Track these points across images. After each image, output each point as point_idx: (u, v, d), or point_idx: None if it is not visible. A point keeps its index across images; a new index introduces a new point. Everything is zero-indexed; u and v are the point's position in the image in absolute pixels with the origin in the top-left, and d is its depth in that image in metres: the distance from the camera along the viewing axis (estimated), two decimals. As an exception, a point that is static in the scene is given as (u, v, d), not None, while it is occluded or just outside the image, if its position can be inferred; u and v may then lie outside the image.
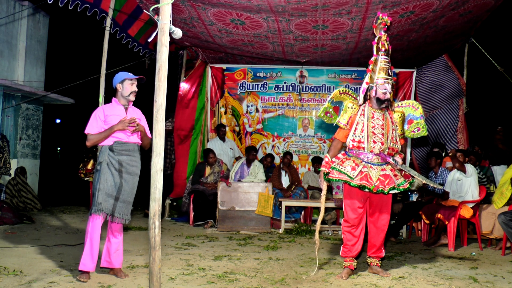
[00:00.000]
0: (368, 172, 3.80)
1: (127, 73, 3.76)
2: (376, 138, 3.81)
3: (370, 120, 3.86)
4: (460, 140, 7.42)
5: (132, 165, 3.66)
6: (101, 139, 3.61)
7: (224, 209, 6.60)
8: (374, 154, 3.81)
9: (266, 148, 8.50)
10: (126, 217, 3.63)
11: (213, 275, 3.77)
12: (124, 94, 3.70)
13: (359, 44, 6.79)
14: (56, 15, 11.34)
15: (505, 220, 4.92)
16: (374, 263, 4.00)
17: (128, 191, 3.64)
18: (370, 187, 3.74)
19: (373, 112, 3.89)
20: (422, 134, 3.97)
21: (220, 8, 5.69)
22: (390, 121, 3.88)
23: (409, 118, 3.95)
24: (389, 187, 3.76)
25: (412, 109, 3.97)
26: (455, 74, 7.41)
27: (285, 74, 8.53)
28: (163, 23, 2.79)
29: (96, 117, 3.67)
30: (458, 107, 7.49)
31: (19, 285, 3.32)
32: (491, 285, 3.73)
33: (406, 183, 3.84)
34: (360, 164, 3.84)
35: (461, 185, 5.73)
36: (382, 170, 3.82)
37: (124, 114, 3.67)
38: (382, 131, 3.83)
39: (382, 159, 3.80)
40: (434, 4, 5.36)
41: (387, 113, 3.91)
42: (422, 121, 3.94)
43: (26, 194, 8.09)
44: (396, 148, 3.88)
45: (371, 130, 3.83)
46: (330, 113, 4.06)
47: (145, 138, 3.77)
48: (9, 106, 9.56)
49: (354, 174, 3.81)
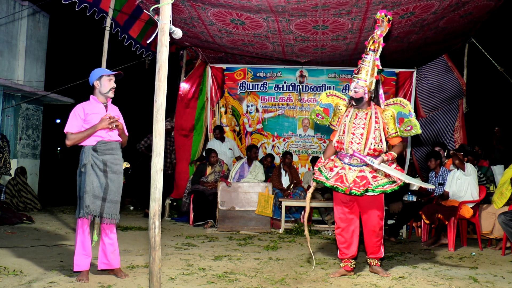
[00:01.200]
0: (345, 173, 3.77)
1: (104, 69, 3.68)
2: (355, 138, 3.77)
3: (352, 120, 3.83)
4: (457, 139, 7.42)
5: (116, 163, 3.60)
6: (82, 138, 3.52)
7: (224, 209, 6.60)
8: (350, 154, 3.77)
9: (266, 148, 8.50)
10: (115, 216, 3.57)
11: (213, 275, 3.77)
12: (102, 91, 3.60)
13: (359, 45, 6.78)
14: (56, 15, 11.34)
15: (505, 220, 4.92)
16: (373, 263, 3.99)
17: (115, 191, 3.58)
18: (342, 189, 3.71)
19: (357, 112, 3.86)
20: (416, 132, 3.80)
21: (220, 8, 5.69)
22: (373, 121, 3.79)
23: (399, 116, 3.81)
24: (364, 189, 3.68)
25: (401, 107, 3.83)
26: (455, 75, 7.40)
27: (285, 74, 8.53)
28: (163, 23, 2.79)
29: (76, 116, 3.56)
30: (458, 107, 7.49)
31: (19, 285, 3.32)
32: (491, 285, 3.73)
33: (390, 185, 3.71)
34: (339, 165, 3.84)
35: (460, 184, 5.73)
36: (360, 172, 3.76)
37: (104, 112, 3.58)
38: (363, 131, 3.77)
39: (361, 160, 3.70)
40: (435, 5, 5.35)
41: (374, 112, 3.83)
42: (413, 119, 3.77)
43: (26, 194, 8.09)
44: (379, 148, 3.76)
45: (351, 130, 3.80)
46: (321, 115, 4.07)
47: (123, 135, 3.71)
48: (9, 106, 9.57)
49: (331, 175, 3.80)
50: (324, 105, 4.06)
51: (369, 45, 3.81)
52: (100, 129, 3.51)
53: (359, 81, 3.80)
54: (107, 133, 3.58)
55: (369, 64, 3.79)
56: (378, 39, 3.80)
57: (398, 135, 3.84)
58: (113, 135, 3.63)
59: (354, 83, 3.81)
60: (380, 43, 3.81)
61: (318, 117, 4.09)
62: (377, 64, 3.81)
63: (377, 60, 3.82)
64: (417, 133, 3.79)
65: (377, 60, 3.82)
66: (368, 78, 3.79)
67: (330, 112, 4.03)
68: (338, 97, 4.05)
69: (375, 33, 3.81)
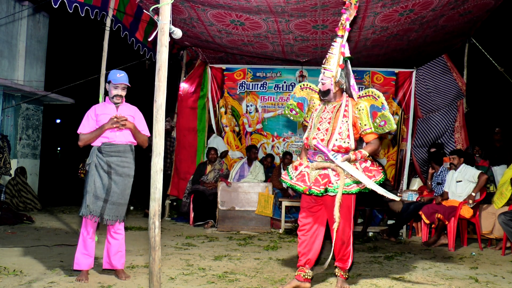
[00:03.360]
0: (308, 172, 3.45)
1: (114, 74, 3.62)
2: (319, 134, 3.43)
3: (320, 114, 3.50)
4: (457, 140, 7.42)
5: (122, 166, 3.57)
6: (92, 139, 3.55)
7: (224, 209, 6.60)
8: (316, 151, 3.42)
9: (266, 148, 8.50)
10: (117, 218, 3.55)
11: (213, 275, 3.77)
12: (109, 95, 3.64)
13: (359, 44, 6.79)
14: (56, 15, 11.34)
15: (505, 220, 4.93)
16: (337, 273, 3.56)
17: (118, 193, 3.55)
18: (301, 188, 3.39)
19: (326, 106, 3.51)
20: (391, 128, 3.41)
21: (220, 10, 5.69)
22: (341, 115, 3.42)
23: (372, 110, 3.43)
24: (324, 188, 3.31)
25: (373, 99, 3.44)
26: (453, 76, 7.40)
27: (284, 74, 8.53)
28: (163, 23, 2.79)
29: (88, 117, 3.62)
30: (457, 108, 7.50)
31: (19, 285, 3.32)
32: (491, 285, 3.73)
33: (357, 185, 3.32)
34: (304, 163, 3.53)
35: (461, 186, 5.73)
36: (323, 169, 3.40)
37: (115, 113, 3.59)
38: (328, 126, 3.42)
39: (325, 155, 3.35)
40: (434, 2, 5.35)
41: (344, 105, 3.45)
42: (387, 113, 3.40)
43: (26, 194, 8.09)
44: (345, 146, 3.36)
45: (317, 125, 3.47)
46: (295, 111, 3.75)
47: (138, 135, 3.64)
48: (9, 106, 9.57)
49: (294, 174, 3.52)
50: (298, 99, 3.74)
51: (339, 31, 3.47)
52: (107, 129, 3.52)
53: (325, 72, 3.44)
54: (115, 133, 3.56)
55: (337, 53, 3.43)
56: (344, 23, 3.46)
57: (373, 131, 3.43)
58: (122, 136, 3.59)
59: (321, 74, 3.47)
60: (346, 28, 3.47)
61: (292, 112, 3.76)
62: (342, 51, 3.44)
63: (343, 47, 3.44)
64: (391, 129, 3.42)
65: (343, 47, 3.44)
66: (334, 68, 3.43)
67: (304, 106, 3.71)
68: (313, 89, 3.70)
69: (342, 17, 3.48)
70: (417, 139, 7.78)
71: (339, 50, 3.43)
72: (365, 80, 8.06)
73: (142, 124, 3.72)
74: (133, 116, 3.67)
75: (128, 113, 3.66)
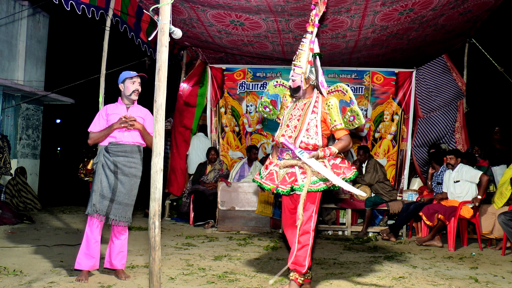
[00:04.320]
0: (276, 170, 3.42)
1: (128, 72, 3.72)
2: (288, 131, 3.39)
3: (291, 112, 3.46)
4: (458, 140, 7.42)
5: (129, 166, 3.60)
6: (101, 138, 3.61)
7: (224, 209, 6.60)
8: (285, 148, 3.38)
9: (266, 148, 8.49)
10: (123, 219, 3.57)
11: (213, 275, 3.77)
12: (126, 93, 3.68)
13: (359, 43, 6.79)
14: (56, 15, 11.34)
15: (505, 220, 4.93)
16: (292, 276, 3.34)
17: (125, 193, 3.58)
18: (268, 187, 3.38)
19: (297, 103, 3.47)
20: (360, 123, 3.36)
21: (219, 10, 5.69)
22: (310, 112, 3.38)
23: (341, 105, 3.39)
24: (290, 187, 3.27)
25: (341, 94, 3.40)
26: (453, 76, 7.40)
27: (284, 74, 8.51)
28: (163, 23, 2.79)
29: (99, 116, 3.70)
30: (457, 108, 7.50)
31: (19, 285, 3.32)
32: (491, 285, 3.73)
33: (324, 182, 3.25)
34: (274, 162, 3.51)
35: (459, 186, 5.73)
36: (291, 167, 3.36)
37: (124, 113, 3.64)
38: (297, 123, 3.38)
39: (292, 153, 3.29)
40: (434, 1, 5.35)
41: (314, 102, 3.40)
42: (355, 107, 3.35)
43: (26, 194, 8.09)
44: (312, 143, 3.30)
45: (286, 122, 3.43)
46: (268, 108, 3.70)
47: (147, 137, 3.66)
48: (9, 106, 9.56)
49: (265, 173, 3.49)
50: (271, 96, 3.69)
51: (309, 27, 3.43)
52: (115, 128, 3.56)
53: (295, 68, 3.39)
54: (122, 133, 3.59)
55: (306, 49, 3.39)
56: (314, 19, 3.42)
57: (343, 127, 3.37)
58: (130, 137, 3.62)
59: (291, 71, 3.43)
60: (315, 24, 3.42)
61: (266, 109, 3.70)
62: (311, 47, 3.38)
63: (312, 43, 3.39)
64: (360, 124, 3.37)
65: (312, 43, 3.39)
66: (304, 64, 3.38)
67: (277, 103, 3.65)
68: (285, 86, 3.63)
69: (311, 13, 3.45)
70: (418, 139, 7.78)
71: (308, 46, 3.39)
72: (365, 80, 8.05)
73: (152, 126, 3.69)
74: (143, 118, 3.70)
75: (139, 114, 3.70)
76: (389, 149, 8.18)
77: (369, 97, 7.94)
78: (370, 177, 6.43)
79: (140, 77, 3.72)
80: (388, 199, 6.38)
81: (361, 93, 7.95)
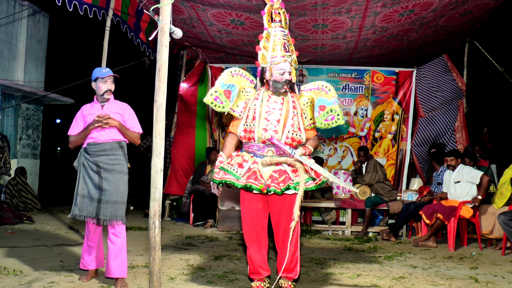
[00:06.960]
0: (259, 168, 3.09)
1: (99, 71, 3.51)
2: (270, 125, 3.10)
3: (265, 104, 3.16)
4: (458, 140, 7.43)
5: (112, 163, 3.43)
6: (79, 140, 3.48)
7: (224, 209, 6.59)
8: (266, 144, 3.12)
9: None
10: (114, 217, 3.36)
11: (213, 275, 3.77)
12: (98, 93, 3.50)
13: (359, 44, 6.79)
14: (56, 15, 11.33)
15: (505, 220, 4.93)
16: (284, 284, 3.23)
17: (112, 190, 3.39)
18: (257, 187, 3.04)
19: (270, 95, 3.19)
20: (339, 123, 3.22)
21: (220, 9, 5.69)
22: (291, 106, 3.17)
23: (320, 103, 3.19)
24: (284, 186, 3.04)
25: (323, 92, 3.21)
26: (453, 76, 7.41)
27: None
28: (163, 23, 2.79)
29: (76, 118, 3.55)
30: (457, 108, 7.50)
31: (19, 285, 3.32)
32: (491, 285, 3.73)
33: (312, 181, 3.12)
34: (250, 159, 3.15)
35: (460, 187, 5.73)
36: (277, 165, 3.10)
37: (100, 112, 3.46)
38: (279, 117, 3.12)
39: (277, 150, 3.09)
40: (434, 3, 5.36)
41: (290, 96, 3.21)
42: (337, 107, 3.18)
43: (26, 194, 8.09)
44: (298, 138, 3.12)
45: (264, 116, 3.13)
46: (220, 99, 3.25)
47: (127, 133, 3.49)
48: (9, 106, 9.56)
49: (241, 172, 3.09)
50: (226, 86, 3.28)
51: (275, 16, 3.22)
52: (91, 129, 3.41)
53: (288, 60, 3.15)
54: (100, 132, 3.44)
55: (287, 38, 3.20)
56: (281, 9, 3.25)
57: (314, 127, 3.24)
58: (108, 135, 3.45)
59: (284, 63, 3.12)
60: (284, 13, 3.27)
61: (216, 101, 3.25)
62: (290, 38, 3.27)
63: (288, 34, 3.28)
64: (339, 124, 3.23)
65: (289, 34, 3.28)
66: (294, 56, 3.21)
67: (232, 95, 3.27)
68: (245, 77, 3.35)
69: (274, 2, 3.24)
70: (418, 138, 7.78)
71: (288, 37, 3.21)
72: (366, 80, 8.03)
73: (131, 121, 3.55)
74: (120, 114, 3.51)
75: (115, 110, 3.50)
76: (389, 148, 8.18)
77: (369, 96, 7.93)
78: (370, 177, 6.43)
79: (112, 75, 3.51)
80: (388, 199, 6.37)
81: (361, 93, 7.93)
